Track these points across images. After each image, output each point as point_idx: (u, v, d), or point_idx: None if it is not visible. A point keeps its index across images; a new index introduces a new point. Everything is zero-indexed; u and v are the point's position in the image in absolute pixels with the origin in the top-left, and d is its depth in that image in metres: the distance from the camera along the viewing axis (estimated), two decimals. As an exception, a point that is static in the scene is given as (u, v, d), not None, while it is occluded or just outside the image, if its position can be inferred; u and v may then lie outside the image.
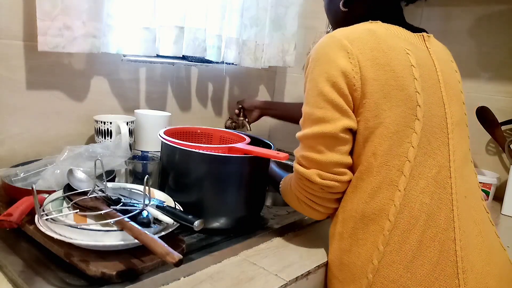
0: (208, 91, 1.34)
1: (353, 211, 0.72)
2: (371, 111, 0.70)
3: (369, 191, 0.70)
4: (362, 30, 0.73)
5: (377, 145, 0.70)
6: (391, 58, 0.71)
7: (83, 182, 0.73)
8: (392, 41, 0.73)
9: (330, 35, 0.74)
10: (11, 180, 0.80)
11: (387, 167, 0.69)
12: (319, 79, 0.71)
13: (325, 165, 0.71)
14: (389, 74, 0.70)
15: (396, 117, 0.69)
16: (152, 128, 1.00)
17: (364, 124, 0.71)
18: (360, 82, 0.69)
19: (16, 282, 0.58)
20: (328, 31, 1.39)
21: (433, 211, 0.68)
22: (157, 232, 0.64)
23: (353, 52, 0.70)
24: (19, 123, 0.93)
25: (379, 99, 0.69)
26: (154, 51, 1.06)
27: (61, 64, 0.97)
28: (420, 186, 0.69)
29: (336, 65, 0.70)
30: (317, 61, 0.73)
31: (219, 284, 0.65)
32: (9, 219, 0.62)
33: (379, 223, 0.69)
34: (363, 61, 0.70)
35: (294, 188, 0.77)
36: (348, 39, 0.71)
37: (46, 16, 0.85)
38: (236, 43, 1.27)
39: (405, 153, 0.69)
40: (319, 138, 0.71)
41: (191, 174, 0.77)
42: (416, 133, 0.70)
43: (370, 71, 0.69)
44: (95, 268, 0.58)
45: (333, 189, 0.73)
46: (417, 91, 0.71)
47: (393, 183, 0.69)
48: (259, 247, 0.79)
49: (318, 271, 0.76)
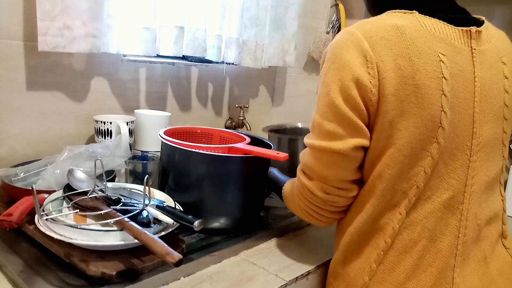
0: (208, 91, 1.33)
1: (352, 228, 0.68)
2: (384, 131, 0.62)
3: (371, 213, 0.65)
4: (389, 28, 0.61)
5: (385, 167, 0.63)
6: (417, 68, 0.60)
7: (83, 182, 0.73)
8: (424, 44, 0.61)
9: (350, 32, 0.63)
10: (11, 180, 0.80)
11: (393, 190, 0.63)
12: (332, 86, 0.63)
13: (330, 180, 0.66)
14: (411, 89, 0.60)
15: (412, 139, 0.61)
16: (152, 128, 1.00)
17: (375, 143, 0.63)
18: (377, 97, 0.60)
19: (16, 282, 0.58)
20: (328, 31, 1.38)
21: (436, 237, 0.64)
22: (157, 232, 0.64)
23: (373, 60, 0.60)
24: (19, 123, 0.93)
25: (395, 118, 0.60)
26: (154, 51, 1.06)
27: (61, 64, 0.97)
28: (425, 210, 0.64)
29: (352, 73, 0.61)
30: (332, 63, 0.63)
31: (219, 284, 0.65)
32: (9, 219, 0.62)
33: (376, 241, 0.66)
34: (383, 71, 0.60)
35: (296, 197, 0.72)
36: (370, 40, 0.61)
37: (46, 16, 0.85)
38: (236, 43, 1.27)
39: (415, 177, 0.62)
40: (327, 153, 0.64)
41: (191, 174, 0.77)
42: (432, 157, 0.62)
43: (390, 85, 0.60)
44: (95, 268, 0.58)
45: (337, 204, 0.69)
46: (443, 109, 0.61)
47: (396, 205, 0.64)
48: (259, 247, 0.79)
49: (318, 271, 0.76)
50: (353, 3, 1.38)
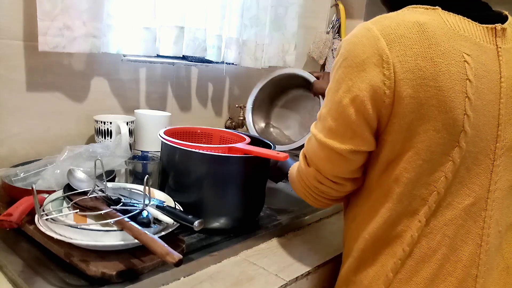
0: (208, 91, 1.33)
1: (366, 234, 0.65)
2: (401, 133, 0.59)
3: (387, 218, 0.63)
4: (410, 25, 0.57)
5: (403, 171, 0.60)
6: (440, 70, 0.56)
7: (83, 182, 0.73)
8: (448, 44, 0.57)
9: (366, 27, 0.59)
10: (11, 180, 0.79)
11: (411, 196, 0.61)
12: (342, 85, 0.60)
13: (324, 172, 0.66)
14: (432, 91, 0.56)
15: (432, 143, 0.58)
16: (152, 128, 0.99)
17: (391, 146, 0.61)
18: (392, 99, 0.57)
19: (16, 282, 0.58)
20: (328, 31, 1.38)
21: (456, 245, 0.61)
22: (157, 232, 0.64)
23: (390, 60, 0.56)
24: (19, 123, 0.93)
25: (414, 121, 0.57)
26: (154, 51, 1.06)
27: (61, 64, 0.97)
28: (446, 217, 0.61)
29: (365, 76, 0.57)
30: (344, 59, 0.60)
31: (219, 284, 0.65)
32: (9, 219, 0.62)
33: (392, 249, 0.63)
34: (401, 73, 0.56)
35: (296, 177, 0.73)
36: (387, 38, 0.57)
37: (46, 16, 0.85)
38: (236, 43, 1.27)
39: (435, 183, 0.60)
40: (325, 148, 0.64)
41: (191, 174, 0.77)
42: (453, 162, 0.59)
43: (408, 86, 0.56)
44: (95, 268, 0.58)
45: (329, 194, 0.69)
46: (466, 113, 0.57)
47: (415, 212, 0.61)
48: (259, 247, 0.79)
49: (318, 271, 0.76)
50: (353, 3, 1.39)
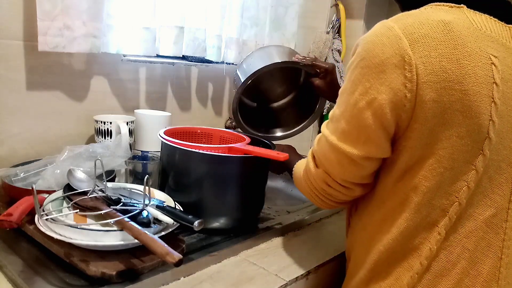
0: (208, 91, 1.33)
1: (380, 245, 0.62)
2: (422, 139, 0.55)
3: (403, 229, 0.59)
4: (434, 24, 0.54)
5: (422, 179, 0.57)
6: (466, 72, 0.53)
7: (83, 182, 0.73)
8: (475, 44, 0.54)
9: (387, 26, 0.55)
10: (11, 180, 0.79)
11: (430, 206, 0.58)
12: (358, 87, 0.56)
13: (333, 175, 0.63)
14: (457, 95, 0.53)
15: (455, 150, 0.55)
16: (152, 128, 0.99)
17: (410, 153, 0.57)
18: (413, 103, 0.54)
19: (16, 282, 0.58)
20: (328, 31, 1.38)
21: (477, 258, 0.59)
22: (157, 232, 0.64)
23: (412, 61, 0.52)
24: (19, 123, 0.92)
25: (437, 126, 0.54)
26: (154, 51, 1.06)
27: (61, 64, 0.97)
28: (466, 229, 0.58)
29: (384, 78, 0.54)
30: (361, 59, 0.56)
31: (219, 284, 0.65)
32: (9, 219, 0.62)
33: (409, 262, 0.60)
34: (424, 75, 0.52)
35: (302, 176, 0.70)
36: (410, 38, 0.53)
37: (46, 16, 0.85)
38: (236, 43, 1.27)
39: (457, 192, 0.57)
40: (336, 151, 0.60)
41: (191, 174, 0.77)
42: (476, 170, 0.56)
43: (431, 90, 0.53)
44: (95, 268, 0.58)
45: (336, 197, 0.66)
46: (491, 118, 0.54)
47: (434, 224, 0.58)
48: (259, 247, 0.79)
49: (318, 271, 0.76)
50: (353, 3, 1.38)
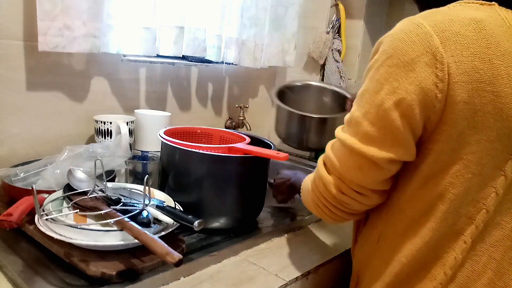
0: (208, 91, 1.33)
1: (402, 256, 0.59)
2: (450, 143, 0.53)
3: (428, 239, 0.57)
4: (466, 21, 0.51)
5: (449, 186, 0.54)
6: (499, 73, 0.50)
7: (83, 182, 0.73)
8: (508, 44, 0.51)
9: (416, 22, 0.53)
10: (11, 180, 0.80)
11: (457, 215, 0.55)
12: (385, 86, 0.53)
13: (349, 181, 0.59)
14: (489, 97, 0.51)
15: (484, 155, 0.53)
16: (152, 128, 1.00)
17: (435, 157, 0.54)
18: (443, 104, 0.51)
19: (16, 282, 0.58)
20: (328, 31, 1.38)
21: (504, 269, 0.56)
22: (157, 232, 0.64)
23: (444, 59, 0.50)
24: (19, 123, 0.92)
25: (466, 129, 0.52)
26: (154, 51, 1.06)
27: (61, 64, 0.97)
28: (493, 238, 0.56)
29: (414, 77, 0.51)
30: (388, 57, 0.53)
31: (219, 284, 0.65)
32: (9, 219, 0.62)
33: (432, 272, 0.57)
34: (456, 75, 0.50)
35: (311, 187, 0.66)
36: (441, 36, 0.51)
37: (46, 16, 0.85)
38: (236, 43, 1.27)
39: (484, 199, 0.54)
40: (357, 156, 0.56)
41: (191, 174, 0.77)
42: (505, 176, 0.54)
43: (463, 90, 0.50)
44: (95, 268, 0.58)
45: (350, 206, 0.61)
46: None
47: (460, 232, 0.55)
48: (259, 247, 0.79)
49: (318, 271, 0.76)
50: (353, 3, 1.38)
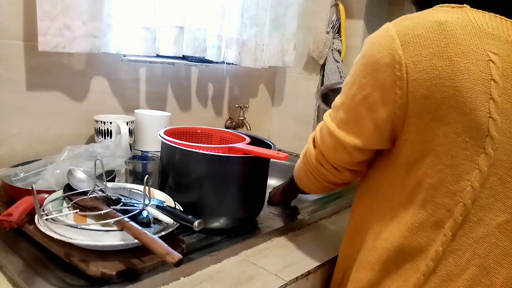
0: (208, 91, 1.33)
1: (388, 243, 0.62)
2: (419, 134, 0.57)
3: (410, 225, 0.60)
4: (429, 24, 0.56)
5: (424, 176, 0.58)
6: (458, 69, 0.54)
7: (83, 182, 0.73)
8: (471, 42, 0.54)
9: (386, 27, 0.59)
10: (11, 180, 0.80)
11: (434, 204, 0.58)
12: (356, 82, 0.61)
13: (327, 158, 0.69)
14: (449, 92, 0.54)
15: (453, 147, 0.56)
16: (152, 128, 1.00)
17: (410, 147, 0.59)
18: (405, 99, 0.57)
19: (16, 282, 0.58)
20: (328, 31, 1.38)
21: (490, 267, 0.57)
22: (157, 232, 0.64)
23: (402, 60, 0.56)
24: (19, 123, 0.92)
25: (432, 122, 0.56)
26: (154, 51, 1.06)
27: (61, 64, 0.97)
28: (477, 234, 0.57)
29: (378, 76, 0.58)
30: (362, 57, 0.61)
31: (219, 284, 0.65)
32: (9, 219, 0.62)
33: (416, 263, 0.60)
34: (414, 73, 0.55)
35: (303, 157, 0.76)
36: (403, 39, 0.56)
37: (46, 16, 0.85)
38: (236, 43, 1.27)
39: (461, 192, 0.56)
40: (333, 138, 0.66)
41: (191, 174, 0.77)
42: (480, 170, 0.55)
43: (422, 87, 0.55)
44: (95, 268, 0.58)
45: (327, 178, 0.72)
46: (491, 116, 0.54)
47: (440, 224, 0.58)
48: (259, 247, 0.79)
49: (318, 271, 0.76)
50: (353, 3, 1.38)
